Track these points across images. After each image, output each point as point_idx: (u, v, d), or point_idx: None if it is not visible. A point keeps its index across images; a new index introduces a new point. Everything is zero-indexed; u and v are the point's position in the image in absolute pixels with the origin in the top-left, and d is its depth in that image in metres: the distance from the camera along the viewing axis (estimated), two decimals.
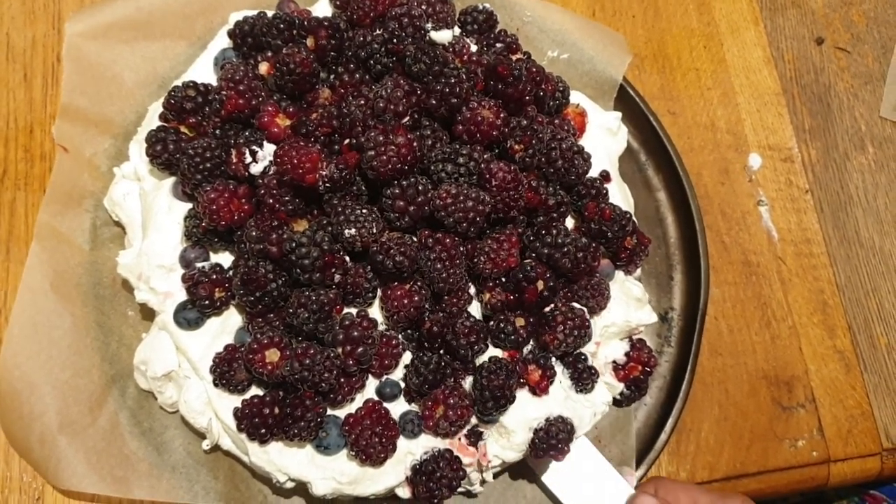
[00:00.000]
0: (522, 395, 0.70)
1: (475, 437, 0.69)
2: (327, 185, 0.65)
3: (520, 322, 0.69)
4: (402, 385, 0.69)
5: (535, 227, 0.72)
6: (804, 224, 0.92)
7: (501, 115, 0.69)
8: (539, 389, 0.69)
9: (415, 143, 0.66)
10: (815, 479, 0.84)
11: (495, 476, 0.74)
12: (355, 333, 0.64)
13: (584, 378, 0.71)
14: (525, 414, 0.69)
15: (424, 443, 0.68)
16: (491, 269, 0.68)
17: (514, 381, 0.67)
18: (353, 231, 0.64)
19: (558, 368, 0.71)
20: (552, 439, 0.67)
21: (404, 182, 0.65)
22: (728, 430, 0.83)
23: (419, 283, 0.67)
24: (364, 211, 0.64)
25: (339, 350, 0.64)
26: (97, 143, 0.78)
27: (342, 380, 0.65)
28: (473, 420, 0.69)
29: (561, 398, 0.71)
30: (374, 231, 0.64)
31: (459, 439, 0.69)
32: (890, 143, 0.97)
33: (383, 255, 0.64)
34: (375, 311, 0.70)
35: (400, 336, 0.69)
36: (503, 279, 0.70)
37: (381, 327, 0.69)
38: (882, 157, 0.96)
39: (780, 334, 0.87)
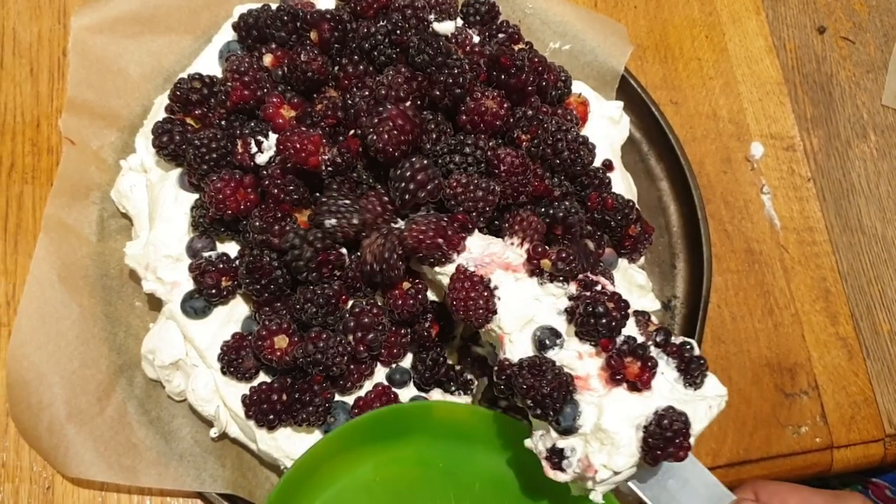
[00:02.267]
0: (620, 392, 0.59)
1: (558, 457, 0.59)
2: (329, 168, 0.66)
3: (610, 304, 0.59)
4: (412, 372, 0.70)
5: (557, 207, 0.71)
6: (806, 212, 0.92)
7: (505, 105, 0.70)
8: (641, 384, 0.58)
9: (409, 113, 0.66)
10: (818, 465, 0.84)
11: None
12: (366, 320, 0.65)
13: (692, 369, 0.60)
14: (626, 412, 0.58)
15: None
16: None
17: (550, 376, 0.57)
18: (333, 221, 0.64)
19: (660, 362, 0.60)
20: (667, 432, 0.55)
21: (413, 159, 0.65)
22: (731, 416, 0.83)
23: (420, 284, 0.68)
24: (347, 201, 0.65)
25: (350, 337, 0.65)
26: (104, 136, 0.79)
27: (352, 366, 0.66)
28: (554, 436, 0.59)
29: (666, 391, 0.59)
30: (355, 222, 0.64)
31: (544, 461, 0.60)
32: (892, 131, 0.97)
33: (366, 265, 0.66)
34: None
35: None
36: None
37: None
38: (884, 145, 0.97)
39: (782, 322, 0.88)
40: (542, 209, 0.70)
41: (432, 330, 0.69)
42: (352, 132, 0.71)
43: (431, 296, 0.70)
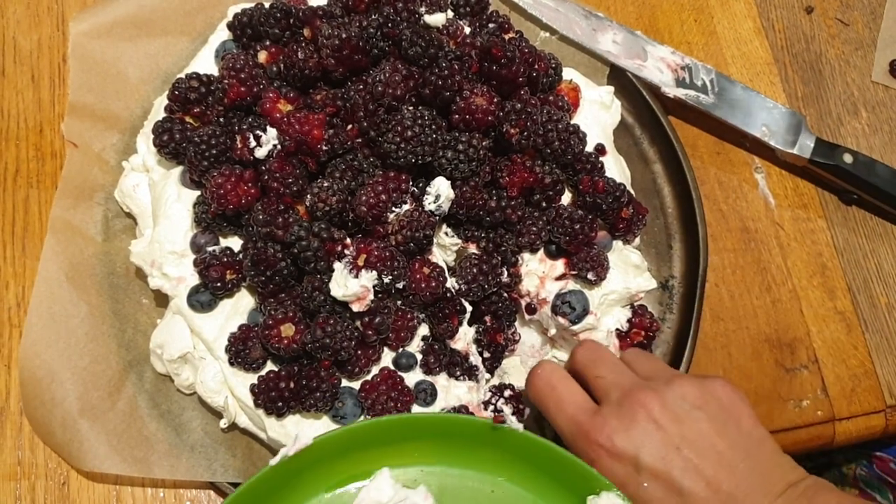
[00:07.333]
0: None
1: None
2: (329, 147, 0.68)
3: None
4: (419, 357, 0.71)
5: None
6: (800, 189, 0.93)
7: (494, 101, 0.71)
8: None
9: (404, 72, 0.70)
10: (820, 438, 0.85)
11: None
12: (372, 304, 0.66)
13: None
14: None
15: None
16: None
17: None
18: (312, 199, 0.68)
19: None
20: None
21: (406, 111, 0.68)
22: None
23: (438, 269, 0.69)
24: (325, 184, 0.67)
25: (357, 322, 0.66)
26: (105, 139, 0.81)
27: (359, 351, 0.68)
28: None
29: None
30: (334, 203, 0.67)
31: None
32: (883, 106, 0.98)
33: None
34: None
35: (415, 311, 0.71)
36: None
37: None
38: (875, 121, 0.98)
39: (780, 298, 0.89)
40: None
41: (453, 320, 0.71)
42: (350, 126, 0.72)
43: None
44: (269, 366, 0.70)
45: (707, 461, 0.59)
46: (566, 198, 0.78)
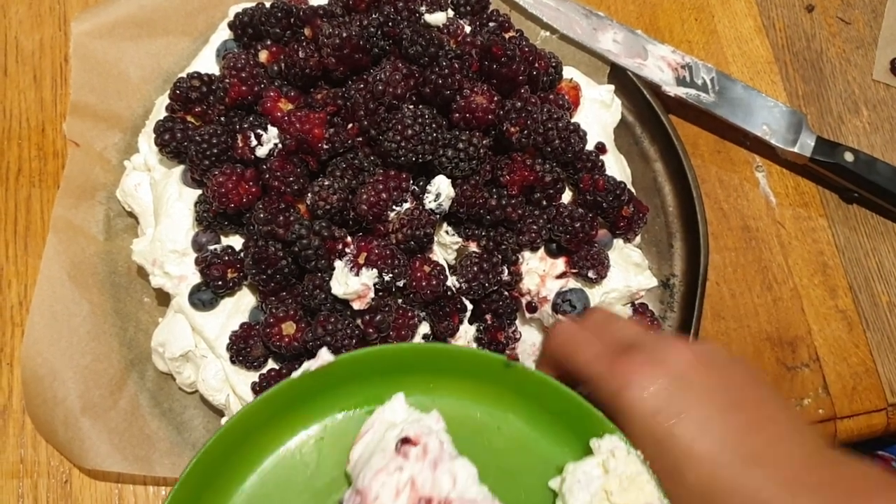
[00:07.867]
0: None
1: None
2: (329, 146, 0.68)
3: None
4: None
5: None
6: (801, 188, 0.93)
7: (495, 100, 0.72)
8: None
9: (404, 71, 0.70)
10: (822, 437, 0.85)
11: None
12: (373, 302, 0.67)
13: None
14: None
15: None
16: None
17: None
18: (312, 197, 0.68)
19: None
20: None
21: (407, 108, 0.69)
22: None
23: (439, 267, 0.69)
24: (326, 182, 0.67)
25: (358, 320, 0.66)
26: (107, 138, 0.81)
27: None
28: None
29: None
30: (335, 201, 0.67)
31: None
32: (884, 105, 0.98)
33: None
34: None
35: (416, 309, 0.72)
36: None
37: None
38: (876, 119, 0.98)
39: (781, 296, 0.88)
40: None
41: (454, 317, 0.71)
42: (350, 125, 0.73)
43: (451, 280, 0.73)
44: (271, 364, 0.70)
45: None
46: (567, 196, 0.78)
